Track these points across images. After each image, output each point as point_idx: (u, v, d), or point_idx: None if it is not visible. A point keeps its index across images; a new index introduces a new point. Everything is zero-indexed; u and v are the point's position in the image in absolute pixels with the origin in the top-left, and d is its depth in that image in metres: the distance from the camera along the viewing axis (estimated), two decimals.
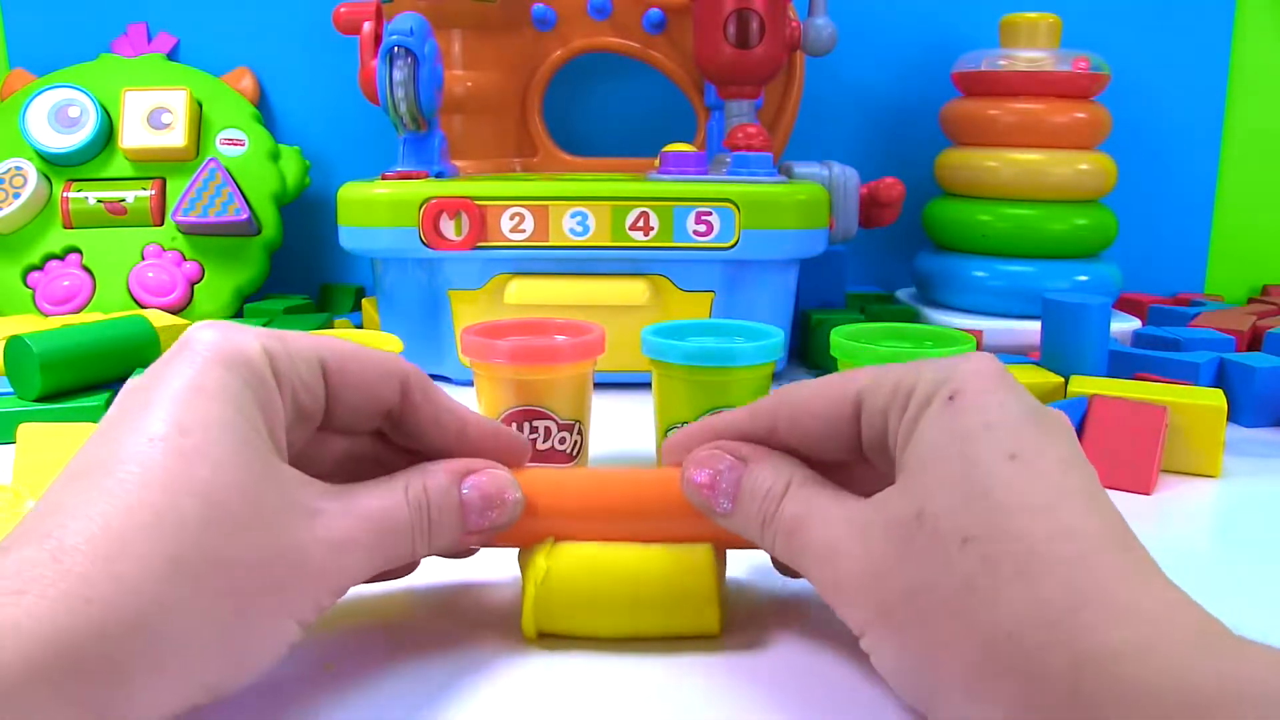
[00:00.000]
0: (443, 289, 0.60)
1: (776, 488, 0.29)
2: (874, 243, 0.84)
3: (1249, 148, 0.85)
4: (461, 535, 0.30)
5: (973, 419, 0.25)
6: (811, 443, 0.29)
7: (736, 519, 0.29)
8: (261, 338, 0.27)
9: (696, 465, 0.30)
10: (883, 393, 0.28)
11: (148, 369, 0.27)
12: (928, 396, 0.26)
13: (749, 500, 0.29)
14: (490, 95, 0.74)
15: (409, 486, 0.29)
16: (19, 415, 0.50)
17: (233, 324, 0.28)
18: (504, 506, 0.30)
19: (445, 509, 0.29)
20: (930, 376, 0.27)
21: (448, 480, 0.29)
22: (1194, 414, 0.47)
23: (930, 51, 0.83)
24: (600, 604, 0.30)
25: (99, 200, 0.74)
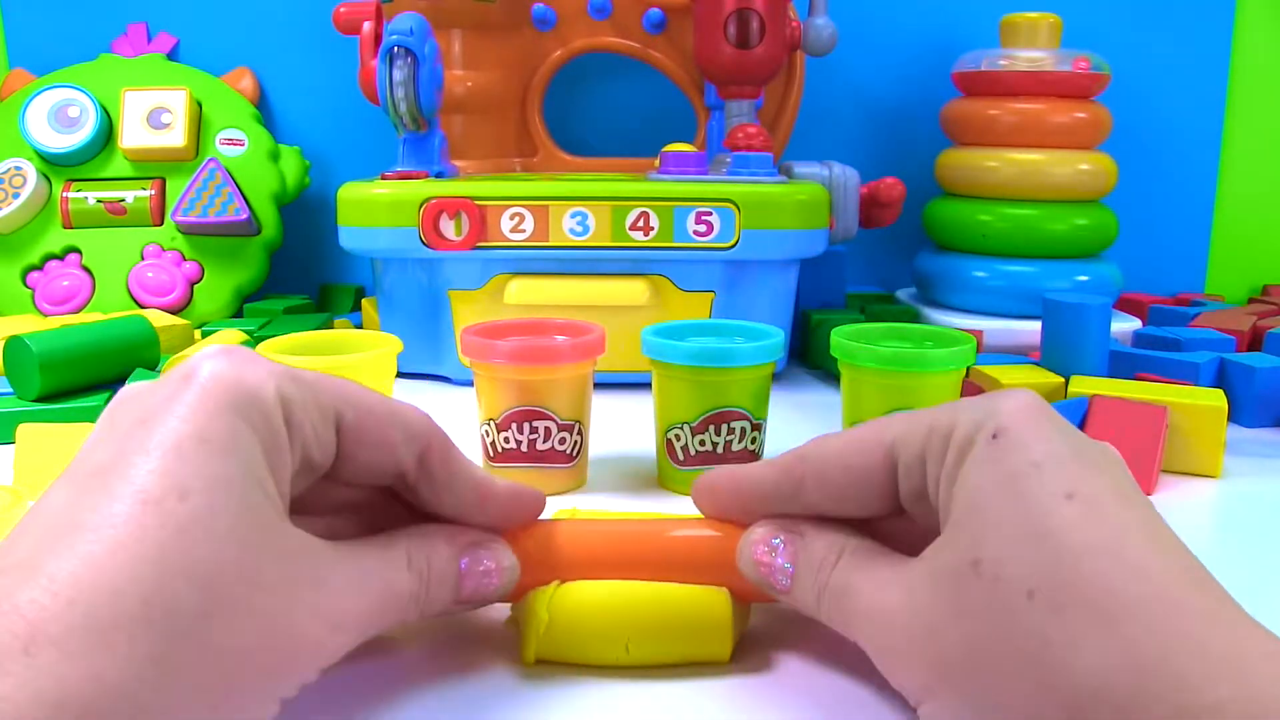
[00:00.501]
0: (443, 289, 0.60)
1: (830, 557, 0.28)
2: (874, 243, 0.84)
3: (1249, 148, 0.85)
4: (450, 606, 0.29)
5: (1020, 457, 0.24)
6: (842, 499, 0.28)
7: (795, 593, 0.28)
8: (277, 378, 0.25)
9: (753, 545, 0.29)
10: (918, 439, 0.26)
11: (146, 389, 0.25)
12: (968, 438, 0.25)
13: (805, 572, 0.28)
14: (490, 95, 0.74)
15: (412, 557, 0.28)
16: (19, 415, 0.50)
17: (247, 355, 0.25)
18: (500, 578, 0.29)
19: (443, 580, 0.28)
20: (968, 417, 0.25)
21: (449, 552, 0.29)
22: (1194, 414, 0.47)
23: (930, 51, 0.83)
24: (608, 635, 0.29)
25: (99, 200, 0.74)
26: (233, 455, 0.23)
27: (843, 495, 0.28)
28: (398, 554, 0.27)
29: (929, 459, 0.26)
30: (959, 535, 0.24)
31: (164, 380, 0.25)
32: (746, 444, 0.43)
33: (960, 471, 0.25)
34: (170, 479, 0.22)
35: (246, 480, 0.23)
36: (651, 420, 0.45)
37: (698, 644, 0.30)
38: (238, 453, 0.23)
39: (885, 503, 0.28)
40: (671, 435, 0.43)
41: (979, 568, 0.23)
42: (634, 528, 0.31)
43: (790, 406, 0.57)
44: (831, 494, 0.28)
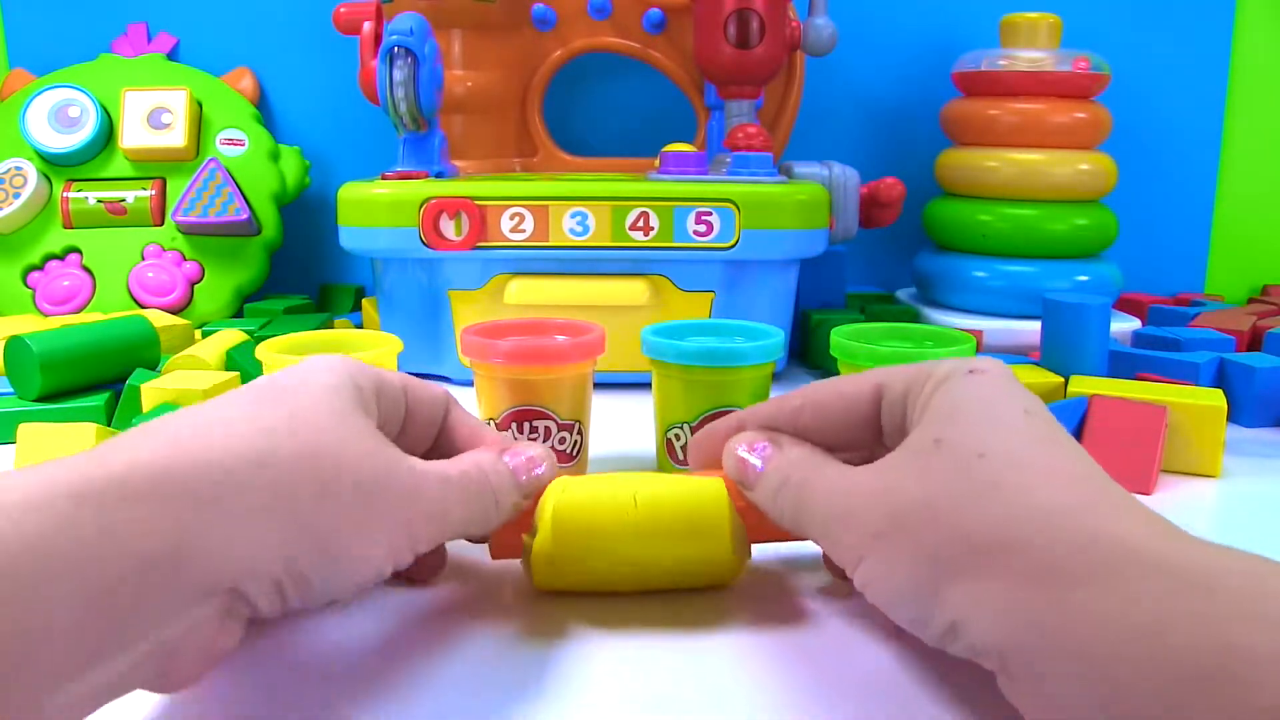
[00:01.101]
0: (443, 289, 0.60)
1: (801, 460, 0.31)
2: (874, 243, 0.84)
3: (1249, 148, 0.85)
4: (518, 504, 0.33)
5: (991, 386, 0.29)
6: (835, 428, 0.32)
7: (759, 488, 0.32)
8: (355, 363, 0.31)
9: (740, 442, 0.33)
10: (903, 378, 0.31)
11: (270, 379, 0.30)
12: (948, 374, 0.29)
13: (774, 470, 0.31)
14: (490, 95, 0.74)
15: (461, 462, 0.31)
16: (19, 415, 0.50)
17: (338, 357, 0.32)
18: (546, 463, 0.34)
19: (500, 473, 0.32)
20: (949, 363, 0.30)
21: (492, 453, 0.33)
22: (1194, 414, 0.47)
23: (930, 51, 0.83)
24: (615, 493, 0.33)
25: (99, 200, 0.74)
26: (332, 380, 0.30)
27: (834, 421, 0.32)
28: (454, 463, 0.31)
29: (910, 394, 0.30)
30: (926, 426, 0.28)
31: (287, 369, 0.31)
32: None
33: (936, 392, 0.29)
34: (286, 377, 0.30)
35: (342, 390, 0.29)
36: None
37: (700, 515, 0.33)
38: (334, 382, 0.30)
39: (869, 433, 0.32)
40: (671, 435, 0.43)
41: (940, 444, 0.27)
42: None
43: None
44: (824, 419, 0.32)
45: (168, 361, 0.56)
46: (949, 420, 0.28)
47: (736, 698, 0.28)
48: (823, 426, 0.32)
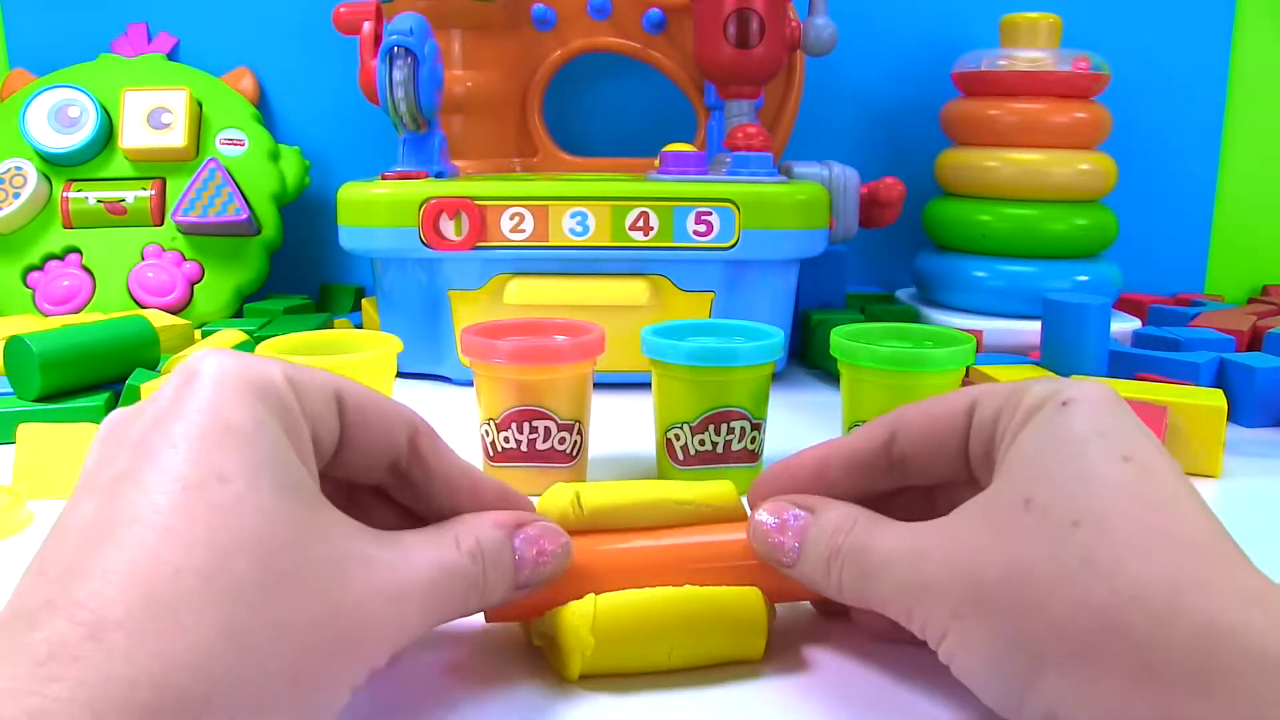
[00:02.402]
0: (443, 289, 0.60)
1: (844, 524, 0.28)
2: (874, 243, 0.84)
3: (1249, 148, 0.85)
4: (508, 594, 0.28)
5: (1085, 424, 0.25)
6: (926, 452, 0.29)
7: (803, 563, 0.29)
8: (279, 364, 0.25)
9: (764, 511, 0.30)
10: (999, 397, 0.28)
11: (140, 405, 0.24)
12: (1040, 402, 0.26)
13: (815, 541, 0.28)
14: (490, 95, 0.74)
15: (460, 537, 0.27)
16: (19, 415, 0.50)
17: (242, 353, 0.25)
18: (556, 559, 0.29)
19: (498, 563, 0.27)
20: (1044, 387, 0.27)
21: (499, 533, 0.28)
22: (1194, 414, 0.47)
23: (930, 51, 0.83)
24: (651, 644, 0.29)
25: (99, 200, 0.74)
26: (260, 439, 0.23)
27: (926, 449, 0.29)
28: (446, 537, 0.27)
29: (1001, 417, 0.27)
30: (1012, 478, 0.25)
31: (163, 386, 0.24)
32: (746, 444, 0.43)
33: (1024, 429, 0.26)
34: (205, 465, 0.22)
35: (279, 462, 0.23)
36: (651, 420, 0.45)
37: (735, 643, 0.30)
38: (265, 436, 0.23)
39: (958, 464, 0.29)
40: (671, 435, 0.43)
41: (1029, 505, 0.24)
42: (661, 540, 0.31)
43: (790, 406, 0.57)
44: (916, 447, 0.29)
45: (168, 361, 0.56)
46: (1038, 473, 0.25)
47: None
48: (914, 452, 0.29)
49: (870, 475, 0.30)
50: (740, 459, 0.43)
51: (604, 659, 0.28)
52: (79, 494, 0.23)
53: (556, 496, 0.31)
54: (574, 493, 0.31)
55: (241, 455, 0.22)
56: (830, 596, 0.28)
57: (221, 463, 0.22)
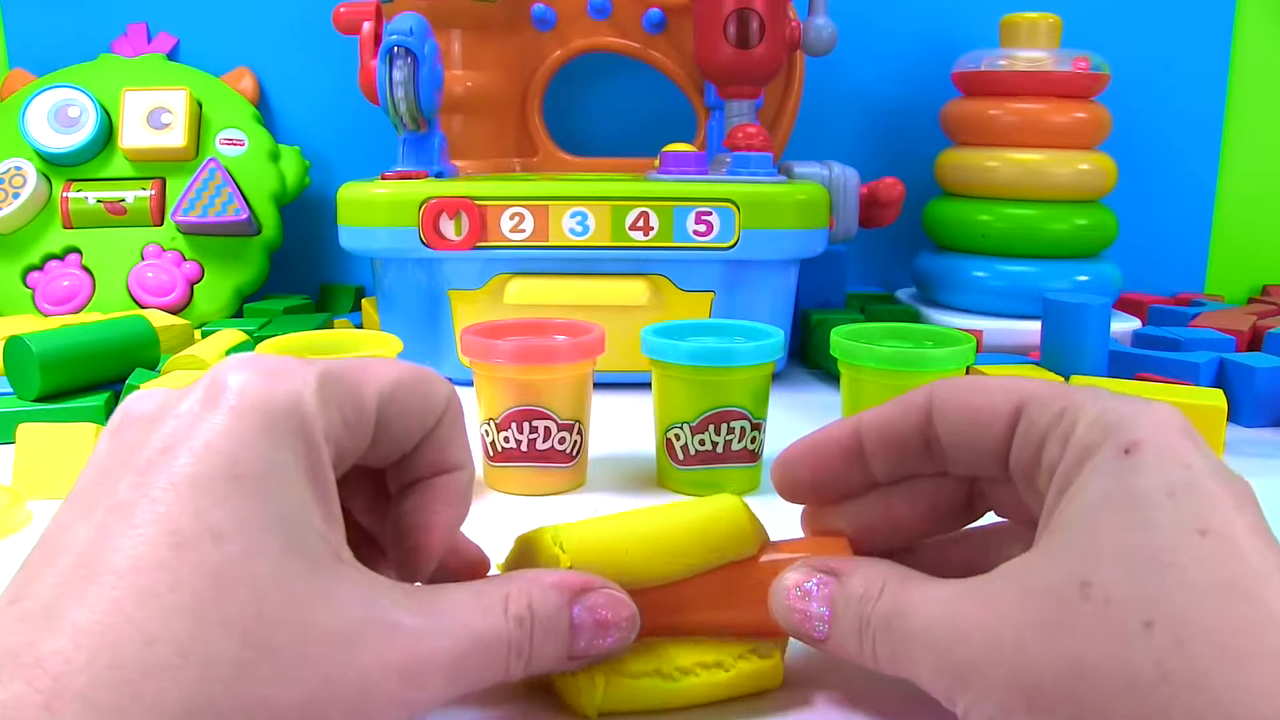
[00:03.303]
0: (443, 289, 0.60)
1: (872, 590, 0.25)
2: (874, 243, 0.84)
3: (1249, 148, 0.85)
4: (561, 663, 0.25)
5: (1153, 481, 0.22)
6: (962, 443, 0.26)
7: (834, 637, 0.26)
8: (313, 387, 0.23)
9: (785, 591, 0.27)
10: (1051, 410, 0.24)
11: (165, 405, 0.23)
12: (1099, 439, 0.23)
13: (844, 611, 0.26)
14: (490, 95, 0.74)
15: (511, 600, 0.24)
16: (19, 415, 0.50)
17: (276, 365, 0.23)
18: (620, 632, 0.26)
19: (553, 632, 0.25)
20: (1105, 417, 0.23)
21: (559, 599, 0.25)
22: (1194, 414, 0.47)
23: (930, 51, 0.83)
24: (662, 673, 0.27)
25: (99, 200, 0.74)
26: (271, 488, 0.21)
27: (960, 437, 0.26)
28: (493, 598, 0.24)
29: (1051, 437, 0.24)
30: (1066, 551, 0.22)
31: (186, 396, 0.22)
32: (746, 443, 0.43)
33: (1079, 477, 0.23)
34: (202, 520, 0.20)
35: (288, 517, 0.21)
36: (651, 420, 0.45)
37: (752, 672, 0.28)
38: (276, 484, 0.21)
39: (995, 460, 0.26)
40: (671, 435, 0.43)
41: (1088, 590, 0.21)
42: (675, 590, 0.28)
43: (790, 406, 0.57)
44: (950, 432, 0.26)
45: (168, 361, 0.56)
46: (1098, 548, 0.21)
47: None
48: (955, 443, 0.27)
49: (905, 455, 0.28)
50: (740, 459, 0.43)
51: (622, 692, 0.27)
52: (80, 507, 0.21)
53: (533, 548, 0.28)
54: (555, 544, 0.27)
55: (244, 509, 0.21)
56: (870, 668, 0.25)
57: (220, 519, 0.20)
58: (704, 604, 0.28)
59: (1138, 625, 0.20)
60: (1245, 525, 0.21)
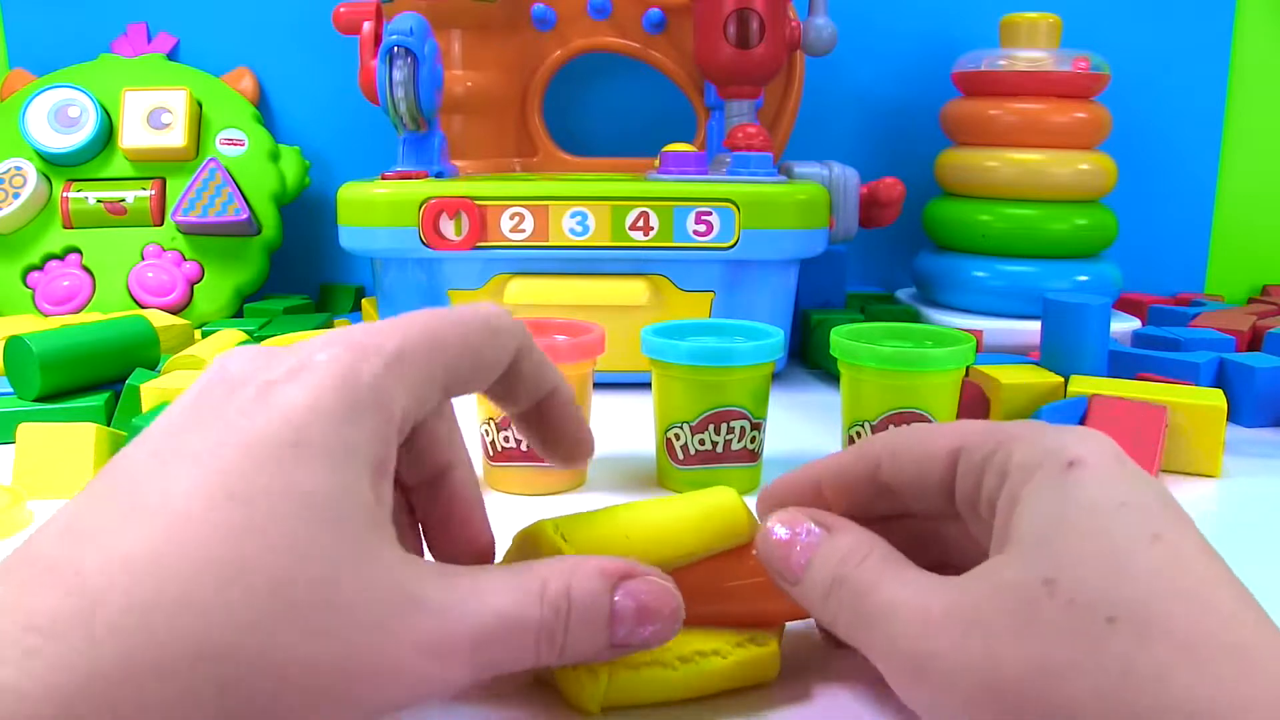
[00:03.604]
0: (443, 289, 0.60)
1: (855, 554, 0.26)
2: (874, 243, 0.84)
3: (1249, 148, 0.85)
4: (601, 651, 0.24)
5: (1103, 494, 0.23)
6: (910, 484, 0.27)
7: (805, 584, 0.26)
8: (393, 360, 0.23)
9: (778, 521, 0.27)
10: (986, 446, 0.25)
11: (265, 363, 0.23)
12: (1039, 459, 0.24)
13: (822, 563, 0.26)
14: (490, 95, 0.74)
15: (548, 584, 0.24)
16: (19, 415, 0.50)
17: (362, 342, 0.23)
18: (663, 621, 0.25)
19: (590, 618, 0.24)
20: (1039, 443, 0.24)
21: (600, 584, 0.24)
22: (1194, 414, 0.47)
23: (930, 51, 0.83)
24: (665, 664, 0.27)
25: (99, 200, 0.74)
26: (330, 461, 0.22)
27: (910, 481, 0.27)
28: (530, 580, 0.24)
29: (989, 468, 0.25)
30: (1027, 554, 0.23)
31: (276, 364, 0.23)
32: (746, 443, 0.43)
33: (1026, 491, 0.24)
34: (256, 481, 0.21)
35: (341, 489, 0.22)
36: (651, 420, 0.45)
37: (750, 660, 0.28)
38: (338, 458, 0.22)
39: (943, 499, 0.27)
40: (671, 434, 0.43)
41: (1053, 587, 0.21)
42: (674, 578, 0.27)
43: (790, 406, 0.57)
44: (901, 478, 0.27)
45: (168, 361, 0.56)
46: (1057, 550, 0.22)
47: None
48: (899, 482, 0.28)
49: (860, 497, 0.29)
50: (740, 459, 0.43)
51: (624, 683, 0.27)
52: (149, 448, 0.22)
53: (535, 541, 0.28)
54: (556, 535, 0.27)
55: (298, 476, 0.21)
56: (826, 627, 0.26)
57: (272, 483, 0.21)
58: (702, 594, 0.28)
59: (1101, 621, 0.21)
60: (1192, 537, 0.23)
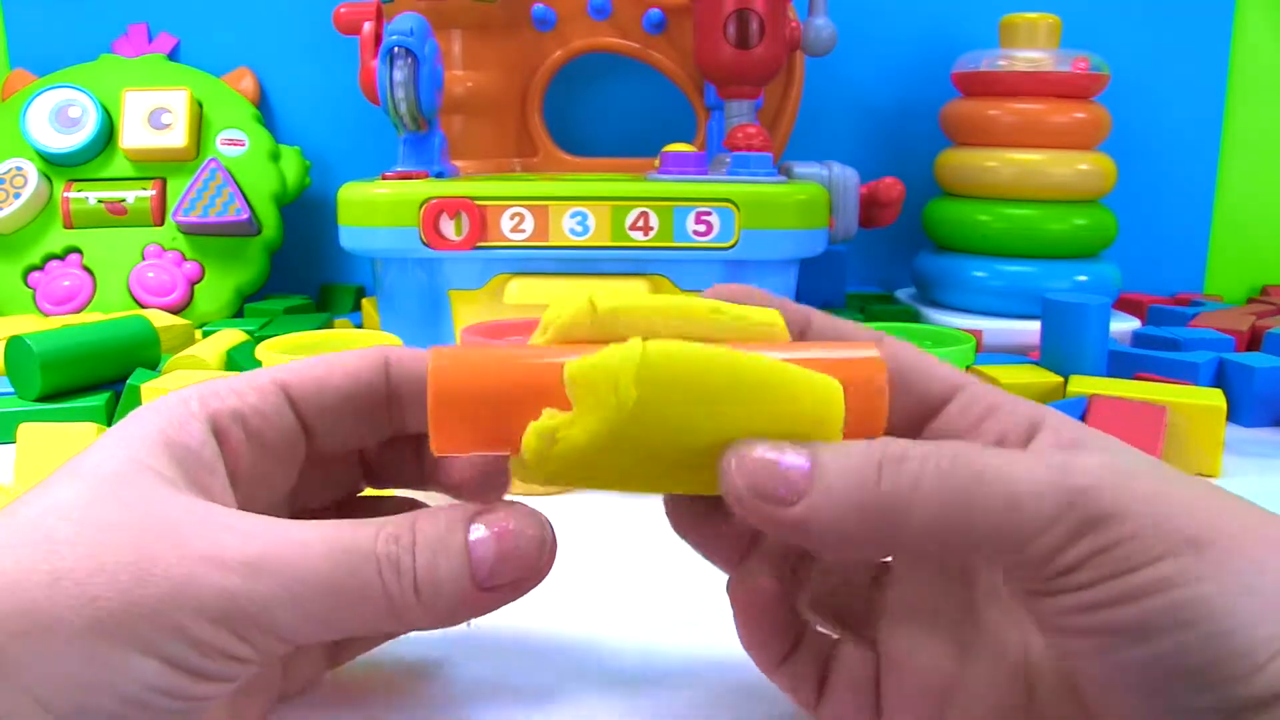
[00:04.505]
0: (443, 289, 0.60)
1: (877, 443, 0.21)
2: (874, 243, 0.84)
3: (1249, 148, 0.85)
4: (468, 592, 0.22)
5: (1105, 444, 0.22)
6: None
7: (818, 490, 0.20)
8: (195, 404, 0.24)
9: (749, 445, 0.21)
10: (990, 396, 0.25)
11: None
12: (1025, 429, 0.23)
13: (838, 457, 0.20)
14: (490, 95, 0.74)
15: (389, 523, 0.22)
16: (19, 415, 0.50)
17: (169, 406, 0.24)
18: (526, 542, 0.22)
19: (441, 547, 0.22)
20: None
21: (449, 517, 0.22)
22: (1194, 414, 0.47)
23: (930, 51, 0.83)
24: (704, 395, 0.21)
25: (99, 200, 0.74)
26: (119, 449, 0.22)
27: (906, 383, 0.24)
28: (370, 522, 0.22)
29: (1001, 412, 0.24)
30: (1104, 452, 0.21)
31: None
32: None
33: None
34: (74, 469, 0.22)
35: (121, 466, 0.22)
36: None
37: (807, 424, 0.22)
38: (124, 448, 0.22)
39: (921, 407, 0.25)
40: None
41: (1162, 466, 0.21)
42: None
43: None
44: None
45: (168, 361, 0.56)
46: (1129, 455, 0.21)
47: None
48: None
49: None
50: None
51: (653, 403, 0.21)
52: None
53: (566, 303, 0.24)
54: (588, 297, 0.23)
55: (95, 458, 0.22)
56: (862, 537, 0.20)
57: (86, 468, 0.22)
58: None
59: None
60: None
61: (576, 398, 0.21)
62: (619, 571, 0.36)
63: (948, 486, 0.19)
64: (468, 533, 0.22)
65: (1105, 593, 0.19)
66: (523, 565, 0.22)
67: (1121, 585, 0.19)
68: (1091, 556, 0.19)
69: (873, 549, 0.21)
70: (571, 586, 0.35)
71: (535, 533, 0.22)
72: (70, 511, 0.21)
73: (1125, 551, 0.19)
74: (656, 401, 0.21)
